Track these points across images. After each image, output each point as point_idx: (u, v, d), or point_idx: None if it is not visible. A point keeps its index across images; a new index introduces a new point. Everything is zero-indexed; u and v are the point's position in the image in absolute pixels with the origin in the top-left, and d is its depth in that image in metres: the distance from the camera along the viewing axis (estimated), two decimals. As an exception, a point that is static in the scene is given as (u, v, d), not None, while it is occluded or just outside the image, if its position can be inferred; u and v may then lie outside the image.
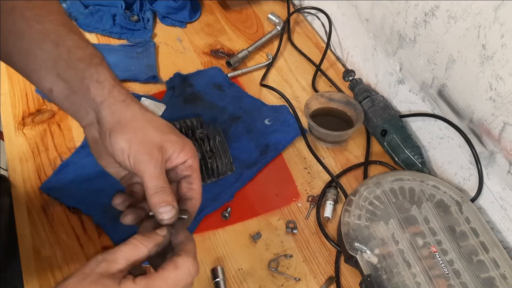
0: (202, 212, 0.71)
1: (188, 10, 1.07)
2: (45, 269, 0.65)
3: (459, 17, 0.64)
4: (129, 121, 0.47)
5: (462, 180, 0.73)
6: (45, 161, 0.77)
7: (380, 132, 0.80)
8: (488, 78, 0.62)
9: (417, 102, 0.80)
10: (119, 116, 0.47)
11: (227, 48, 1.01)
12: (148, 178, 0.46)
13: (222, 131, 0.80)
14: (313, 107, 0.84)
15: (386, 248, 0.62)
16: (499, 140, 0.63)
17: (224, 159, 0.76)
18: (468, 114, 0.68)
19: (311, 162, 0.80)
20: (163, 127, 0.49)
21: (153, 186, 0.46)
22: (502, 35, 0.58)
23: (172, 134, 0.49)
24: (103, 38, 1.01)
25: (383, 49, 0.85)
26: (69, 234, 0.69)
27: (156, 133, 0.48)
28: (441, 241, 0.63)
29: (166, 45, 1.01)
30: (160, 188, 0.46)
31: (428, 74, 0.74)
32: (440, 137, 0.76)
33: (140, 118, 0.48)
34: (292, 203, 0.74)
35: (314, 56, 0.99)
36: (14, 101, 0.87)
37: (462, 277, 0.60)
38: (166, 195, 0.46)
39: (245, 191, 0.75)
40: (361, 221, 0.65)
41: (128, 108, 0.48)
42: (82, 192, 0.72)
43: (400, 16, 0.77)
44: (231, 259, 0.67)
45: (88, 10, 1.04)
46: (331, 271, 0.67)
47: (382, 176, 0.71)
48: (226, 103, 0.88)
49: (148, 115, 0.49)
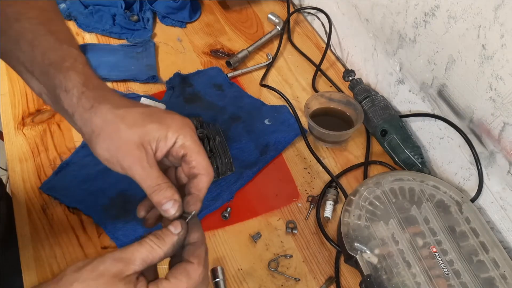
0: (202, 212, 0.71)
1: (188, 10, 1.07)
2: (45, 269, 0.65)
3: (459, 17, 0.64)
4: (101, 128, 0.44)
5: (462, 180, 0.73)
6: (45, 161, 0.77)
7: (380, 132, 0.80)
8: (488, 78, 0.62)
9: (417, 102, 0.80)
10: (91, 126, 0.44)
11: (227, 48, 1.01)
12: (140, 180, 0.44)
13: (222, 131, 0.80)
14: (313, 107, 0.84)
15: (386, 248, 0.62)
16: (499, 140, 0.63)
17: (224, 159, 0.76)
18: (468, 114, 0.68)
19: (311, 162, 0.80)
20: (138, 119, 0.45)
21: (147, 186, 0.44)
22: (502, 35, 0.58)
23: (150, 122, 0.45)
24: (103, 38, 1.01)
25: (383, 49, 0.85)
26: (69, 234, 0.69)
27: (131, 131, 0.44)
28: (441, 241, 0.63)
29: (166, 45, 1.01)
30: (155, 186, 0.44)
31: (428, 74, 0.74)
32: (440, 137, 0.76)
33: (111, 121, 0.44)
34: (292, 203, 0.74)
35: (314, 56, 0.99)
36: (14, 101, 0.87)
37: (462, 277, 0.60)
38: (164, 191, 0.44)
39: (245, 191, 0.75)
40: (361, 221, 0.65)
41: (97, 115, 0.44)
42: (82, 192, 0.72)
43: (400, 16, 0.77)
44: (231, 259, 0.67)
45: (88, 10, 1.04)
46: (331, 271, 0.67)
47: (382, 176, 0.70)
48: (226, 103, 0.88)
49: (120, 112, 0.45)
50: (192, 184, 0.47)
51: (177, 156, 0.47)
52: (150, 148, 0.45)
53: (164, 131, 0.46)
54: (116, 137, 0.44)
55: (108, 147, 0.44)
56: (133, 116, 0.45)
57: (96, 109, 0.44)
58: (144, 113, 0.46)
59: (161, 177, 0.45)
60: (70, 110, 0.45)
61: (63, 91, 0.44)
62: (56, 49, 0.46)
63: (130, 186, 0.74)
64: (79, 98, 0.44)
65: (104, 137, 0.44)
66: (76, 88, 0.45)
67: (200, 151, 0.47)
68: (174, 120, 0.47)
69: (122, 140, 0.44)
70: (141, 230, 0.68)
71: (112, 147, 0.44)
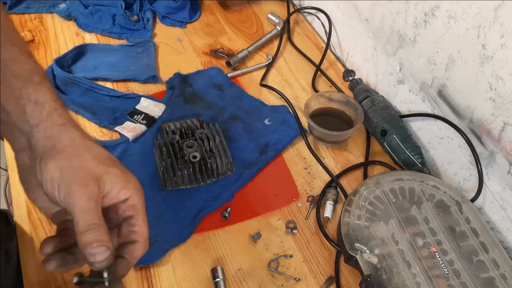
0: (202, 212, 0.71)
1: (188, 10, 1.07)
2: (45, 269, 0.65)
3: (459, 17, 0.64)
4: (66, 146, 0.42)
5: (462, 180, 0.73)
6: (45, 161, 0.77)
7: (380, 132, 0.80)
8: (488, 78, 0.62)
9: (417, 102, 0.80)
10: (54, 141, 0.42)
11: (227, 48, 1.01)
12: (79, 213, 0.40)
13: (222, 131, 0.80)
14: (313, 107, 0.84)
15: (386, 248, 0.62)
16: (499, 140, 0.63)
17: (224, 159, 0.76)
18: (468, 114, 0.68)
19: (311, 162, 0.80)
20: (105, 158, 0.44)
21: (83, 222, 0.40)
22: (502, 35, 0.58)
23: (114, 167, 0.44)
24: (103, 38, 1.01)
25: (383, 49, 0.85)
26: (69, 234, 0.69)
27: (94, 162, 0.42)
28: (441, 241, 0.63)
29: (166, 45, 1.01)
30: (92, 225, 0.40)
31: (428, 74, 0.74)
32: (440, 137, 0.76)
33: (79, 145, 0.43)
34: (292, 203, 0.74)
35: (314, 56, 0.99)
36: (14, 101, 0.87)
37: (462, 277, 0.60)
38: (99, 234, 0.40)
39: (245, 191, 0.75)
40: (361, 221, 0.65)
41: (67, 133, 0.43)
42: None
43: (400, 16, 0.77)
44: (231, 259, 0.67)
45: (88, 10, 1.04)
46: (331, 271, 0.67)
47: (382, 176, 0.70)
48: (226, 103, 0.88)
49: (90, 143, 0.44)
50: (127, 249, 0.44)
51: (122, 215, 0.45)
52: (103, 189, 0.42)
53: (123, 182, 0.43)
54: (77, 161, 0.42)
55: (63, 166, 0.41)
56: (99, 152, 0.44)
57: (68, 128, 0.43)
58: (109, 156, 0.45)
59: (102, 220, 0.41)
60: (33, 121, 0.42)
61: (31, 103, 0.42)
62: (21, 61, 0.44)
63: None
64: (51, 113, 0.43)
65: (65, 156, 0.42)
66: (48, 103, 0.43)
67: (145, 220, 0.45)
68: (133, 178, 0.45)
69: (82, 165, 0.42)
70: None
71: (67, 168, 0.41)
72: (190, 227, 0.69)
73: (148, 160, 0.78)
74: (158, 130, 0.81)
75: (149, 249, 0.66)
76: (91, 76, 0.90)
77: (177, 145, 0.76)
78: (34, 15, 1.07)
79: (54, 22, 1.05)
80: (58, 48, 0.98)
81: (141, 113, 0.84)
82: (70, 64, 0.93)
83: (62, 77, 0.87)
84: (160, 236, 0.68)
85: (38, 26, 1.04)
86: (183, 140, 0.77)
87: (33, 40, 1.00)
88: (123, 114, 0.84)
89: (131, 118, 0.84)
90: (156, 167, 0.76)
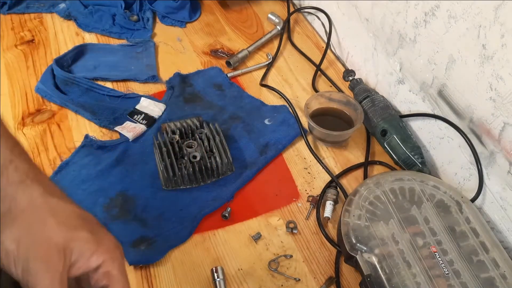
0: (202, 212, 0.71)
1: (188, 10, 1.07)
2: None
3: (459, 17, 0.64)
4: (24, 211, 0.36)
5: (462, 180, 0.73)
6: (45, 161, 0.77)
7: (380, 132, 0.80)
8: (488, 78, 0.62)
9: (417, 102, 0.80)
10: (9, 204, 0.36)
11: (227, 48, 1.01)
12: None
13: (222, 131, 0.80)
14: (313, 107, 0.84)
15: (386, 248, 0.62)
16: (499, 140, 0.63)
17: (224, 159, 0.76)
18: (468, 114, 0.68)
19: (311, 162, 0.80)
20: (71, 219, 0.38)
21: None
22: (502, 35, 0.58)
23: (83, 230, 0.37)
24: (102, 38, 1.01)
25: (383, 49, 0.85)
26: (69, 234, 0.69)
27: (59, 229, 0.36)
28: (441, 241, 0.63)
29: (166, 45, 1.01)
30: None
31: (428, 74, 0.74)
32: (440, 137, 0.76)
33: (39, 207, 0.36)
34: (292, 203, 0.74)
35: (314, 56, 0.99)
36: (13, 101, 0.87)
37: (462, 277, 0.60)
38: None
39: (245, 191, 0.75)
40: (361, 221, 0.65)
41: (25, 193, 0.36)
42: (82, 192, 0.72)
43: (400, 16, 0.77)
44: (231, 259, 0.67)
45: (88, 10, 1.04)
46: (331, 271, 0.67)
47: (382, 176, 0.70)
48: (226, 103, 0.88)
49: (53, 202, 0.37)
50: None
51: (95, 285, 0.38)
52: (69, 259, 0.36)
53: (93, 247, 0.37)
54: (37, 230, 0.36)
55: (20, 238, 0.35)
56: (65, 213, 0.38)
57: (25, 186, 0.37)
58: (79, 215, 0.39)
59: None
60: None
61: None
62: None
63: (130, 186, 0.74)
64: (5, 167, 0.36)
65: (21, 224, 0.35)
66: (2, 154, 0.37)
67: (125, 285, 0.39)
68: (106, 237, 0.39)
69: (44, 235, 0.36)
70: (141, 230, 0.68)
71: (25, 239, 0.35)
72: (190, 227, 0.69)
73: (148, 160, 0.78)
74: (158, 130, 0.81)
75: (149, 249, 0.66)
76: (91, 76, 0.90)
77: (177, 145, 0.76)
78: (33, 15, 1.07)
79: (54, 22, 1.05)
80: (58, 48, 0.98)
81: (141, 113, 0.84)
82: (70, 64, 0.93)
83: (62, 77, 0.87)
84: (160, 236, 0.68)
85: (38, 26, 1.04)
86: (183, 140, 0.77)
87: (32, 40, 1.00)
88: (123, 114, 0.84)
89: (131, 118, 0.84)
90: (156, 167, 0.76)
